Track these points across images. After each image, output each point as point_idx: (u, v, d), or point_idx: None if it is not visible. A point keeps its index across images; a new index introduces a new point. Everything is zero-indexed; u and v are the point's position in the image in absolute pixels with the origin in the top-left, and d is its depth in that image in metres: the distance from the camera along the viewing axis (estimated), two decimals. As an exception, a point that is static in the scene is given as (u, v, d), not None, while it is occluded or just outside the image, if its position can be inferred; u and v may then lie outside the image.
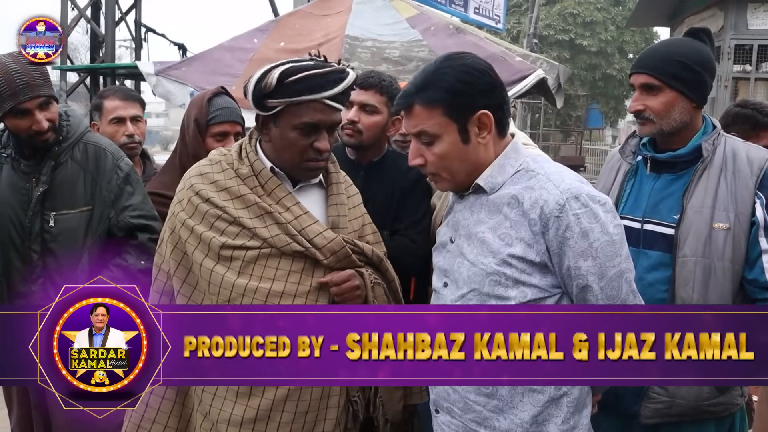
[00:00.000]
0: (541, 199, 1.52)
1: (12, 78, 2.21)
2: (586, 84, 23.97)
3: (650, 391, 1.98)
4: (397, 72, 5.06)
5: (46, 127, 2.29)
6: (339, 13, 5.85)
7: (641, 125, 2.06)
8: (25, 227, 2.36)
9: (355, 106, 2.34)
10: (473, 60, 1.59)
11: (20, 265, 2.38)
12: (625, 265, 1.57)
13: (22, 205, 2.36)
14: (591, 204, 1.52)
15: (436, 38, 5.62)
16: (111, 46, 9.67)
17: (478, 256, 1.59)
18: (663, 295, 1.98)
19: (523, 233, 1.54)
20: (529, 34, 15.74)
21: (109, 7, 9.64)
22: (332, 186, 1.94)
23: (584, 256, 1.51)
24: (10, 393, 2.63)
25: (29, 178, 2.38)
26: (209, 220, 1.82)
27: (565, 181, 1.54)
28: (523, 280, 1.54)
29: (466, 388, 1.61)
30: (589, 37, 23.45)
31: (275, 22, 6.31)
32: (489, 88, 1.57)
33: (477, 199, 1.64)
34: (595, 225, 1.51)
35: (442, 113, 1.56)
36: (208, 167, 1.90)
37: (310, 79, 1.71)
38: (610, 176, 2.21)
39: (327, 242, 1.81)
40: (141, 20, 10.71)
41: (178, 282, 1.86)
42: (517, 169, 1.61)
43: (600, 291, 1.54)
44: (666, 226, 2.00)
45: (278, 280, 1.79)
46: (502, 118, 1.60)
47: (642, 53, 2.12)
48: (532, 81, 5.22)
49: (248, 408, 1.77)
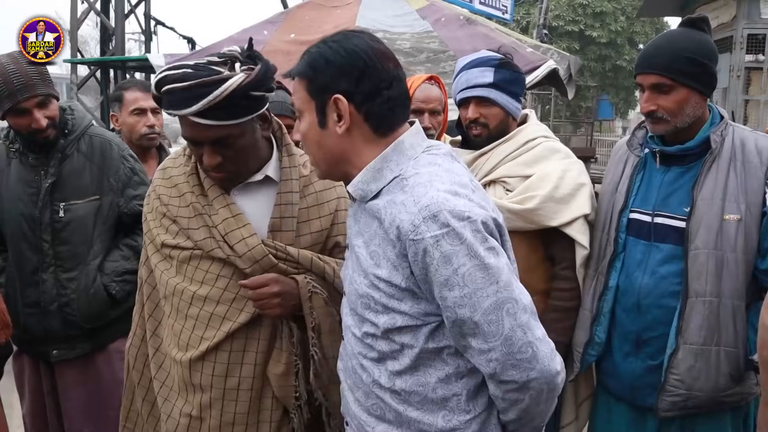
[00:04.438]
0: (397, 219, 1.31)
1: (9, 78, 2.26)
2: (596, 75, 23.82)
3: (667, 383, 1.98)
4: (408, 63, 5.05)
5: (44, 125, 2.35)
6: (349, 5, 5.84)
7: (654, 124, 2.04)
8: (35, 218, 2.42)
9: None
10: (355, 41, 1.39)
11: (31, 255, 2.45)
12: (505, 294, 1.29)
13: (32, 197, 2.43)
14: (453, 223, 1.26)
15: (447, 29, 5.59)
16: (121, 39, 9.68)
17: (354, 273, 1.45)
18: (676, 288, 1.98)
19: (389, 253, 1.34)
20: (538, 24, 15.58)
21: (118, 0, 9.65)
22: (281, 183, 1.78)
23: (449, 285, 1.28)
24: (22, 380, 2.68)
25: (37, 170, 2.44)
26: (158, 216, 1.82)
27: (427, 195, 1.29)
28: (392, 306, 1.36)
29: (359, 406, 1.50)
30: (599, 28, 23.28)
31: (285, 14, 6.30)
32: (353, 71, 1.35)
33: (359, 207, 1.45)
34: (458, 248, 1.26)
35: (305, 88, 1.41)
36: (171, 161, 1.89)
37: (170, 94, 1.57)
38: (618, 168, 2.21)
39: (248, 250, 1.70)
40: (150, 13, 10.72)
41: (146, 271, 1.91)
42: (396, 175, 1.38)
43: (475, 326, 1.29)
44: (677, 219, 2.00)
45: (206, 284, 1.74)
46: (374, 114, 1.38)
47: (645, 51, 2.08)
48: (543, 72, 5.19)
49: (187, 403, 1.80)
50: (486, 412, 1.43)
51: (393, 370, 1.41)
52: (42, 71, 2.34)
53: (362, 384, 1.48)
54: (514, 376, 1.32)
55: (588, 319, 2.18)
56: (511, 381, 1.33)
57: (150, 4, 10.63)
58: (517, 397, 1.36)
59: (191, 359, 1.75)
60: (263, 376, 1.77)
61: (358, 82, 1.36)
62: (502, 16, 12.50)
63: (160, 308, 1.88)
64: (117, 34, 9.62)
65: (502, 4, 12.78)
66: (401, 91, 1.42)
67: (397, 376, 1.41)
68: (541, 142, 2.26)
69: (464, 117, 2.30)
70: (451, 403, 1.40)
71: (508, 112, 2.25)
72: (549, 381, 1.34)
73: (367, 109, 1.37)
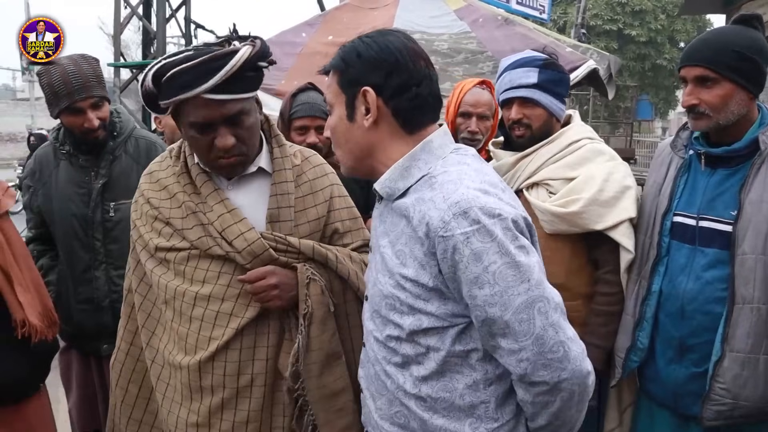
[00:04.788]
0: (427, 216, 1.29)
1: (69, 79, 2.38)
2: (635, 75, 23.44)
3: (712, 392, 1.94)
4: (446, 64, 5.03)
5: (96, 125, 2.45)
6: (386, 6, 5.84)
7: (695, 120, 1.99)
8: (87, 218, 2.52)
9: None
10: (389, 37, 1.40)
11: (84, 253, 2.54)
12: (536, 292, 1.27)
13: (83, 198, 2.53)
14: (484, 220, 1.25)
15: (485, 30, 5.56)
16: (162, 43, 9.87)
17: (378, 273, 1.43)
18: (722, 294, 1.94)
19: (417, 252, 1.33)
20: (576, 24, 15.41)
21: (160, 5, 9.83)
22: (275, 174, 1.77)
23: (479, 283, 1.26)
24: (69, 375, 2.77)
25: (88, 171, 2.54)
26: (149, 220, 1.78)
27: (458, 192, 1.28)
28: (418, 307, 1.34)
29: (381, 414, 1.47)
30: (638, 27, 22.91)
31: (323, 16, 6.34)
32: (384, 66, 1.36)
33: (385, 206, 1.45)
34: (489, 245, 1.24)
35: (336, 82, 1.43)
36: (157, 164, 1.86)
37: (180, 75, 1.54)
38: (661, 170, 2.16)
39: (247, 245, 1.68)
40: (191, 17, 10.89)
41: (135, 281, 1.86)
42: (424, 173, 1.37)
43: (506, 326, 1.27)
44: (723, 223, 1.95)
45: (207, 283, 1.71)
46: (403, 109, 1.38)
47: (691, 44, 2.04)
48: (583, 72, 5.12)
49: (191, 412, 1.74)
50: (514, 420, 1.41)
51: (418, 376, 1.39)
52: (98, 75, 2.46)
53: (386, 391, 1.46)
54: (545, 377, 1.29)
55: (630, 324, 2.15)
56: (541, 382, 1.30)
57: (191, 8, 10.80)
58: (547, 400, 1.33)
59: (201, 361, 1.70)
60: (275, 371, 1.75)
61: (388, 76, 1.37)
62: (539, 15, 12.39)
63: (153, 318, 1.84)
64: (158, 38, 9.80)
65: (539, 4, 12.67)
66: (431, 90, 1.42)
67: (423, 381, 1.39)
68: (586, 144, 2.24)
69: (507, 117, 2.29)
70: (478, 411, 1.38)
71: (551, 113, 2.24)
72: (581, 382, 1.31)
73: (395, 104, 1.38)
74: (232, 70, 1.55)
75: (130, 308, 1.90)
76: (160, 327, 1.82)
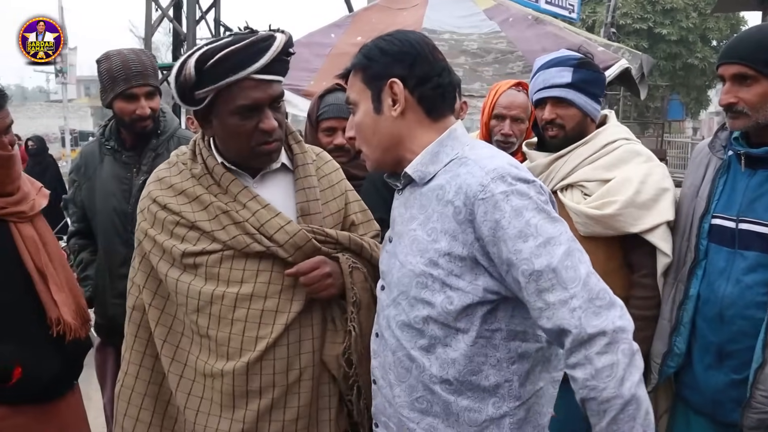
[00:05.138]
0: (464, 184, 1.37)
1: (128, 65, 2.47)
2: (666, 74, 23.09)
3: (753, 400, 1.89)
4: (476, 64, 5.01)
5: (147, 113, 2.52)
6: (415, 7, 5.83)
7: (733, 119, 1.95)
8: (127, 214, 2.57)
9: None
10: (408, 33, 1.51)
11: (122, 248, 2.58)
12: (573, 244, 1.34)
13: (124, 194, 2.59)
14: (519, 183, 1.34)
15: (515, 29, 5.52)
16: (192, 45, 9.98)
17: (407, 255, 1.46)
18: (763, 298, 1.89)
19: (448, 225, 1.39)
20: (606, 23, 15.24)
21: (190, 6, 9.95)
22: (299, 169, 1.78)
23: (523, 236, 1.31)
24: (104, 371, 2.81)
25: (130, 168, 2.60)
26: (168, 227, 1.71)
27: (493, 163, 1.38)
28: (450, 283, 1.39)
29: (400, 403, 1.49)
30: (669, 25, 22.58)
31: (351, 17, 6.36)
32: (407, 58, 1.45)
33: (411, 194, 1.52)
34: (527, 202, 1.32)
35: (360, 79, 1.50)
36: (165, 170, 1.80)
37: (229, 57, 1.55)
38: (698, 172, 2.12)
39: (289, 237, 1.67)
40: (220, 19, 11.01)
41: (149, 294, 1.77)
42: (452, 158, 1.46)
43: (553, 274, 1.29)
44: (764, 225, 1.90)
45: (246, 282, 1.67)
46: (427, 97, 1.47)
47: (730, 41, 2.00)
48: (615, 71, 5.05)
49: (234, 422, 1.67)
50: (534, 398, 1.46)
51: (446, 358, 1.42)
52: (155, 67, 2.56)
53: (408, 377, 1.47)
54: (601, 325, 1.27)
55: (667, 329, 2.10)
56: (599, 333, 1.26)
57: (220, 10, 10.92)
58: (611, 360, 1.26)
59: (249, 363, 1.65)
60: (321, 362, 1.74)
61: (412, 67, 1.46)
62: (568, 15, 12.29)
63: (175, 331, 1.76)
64: (188, 40, 9.92)
65: (568, 3, 12.57)
66: (450, 80, 1.51)
67: (451, 364, 1.42)
68: (622, 145, 2.20)
69: (540, 118, 2.26)
70: (502, 390, 1.43)
71: (586, 113, 2.20)
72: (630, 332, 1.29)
73: (420, 92, 1.46)
74: (278, 49, 1.60)
75: (136, 327, 1.81)
76: (185, 339, 1.75)
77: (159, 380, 1.80)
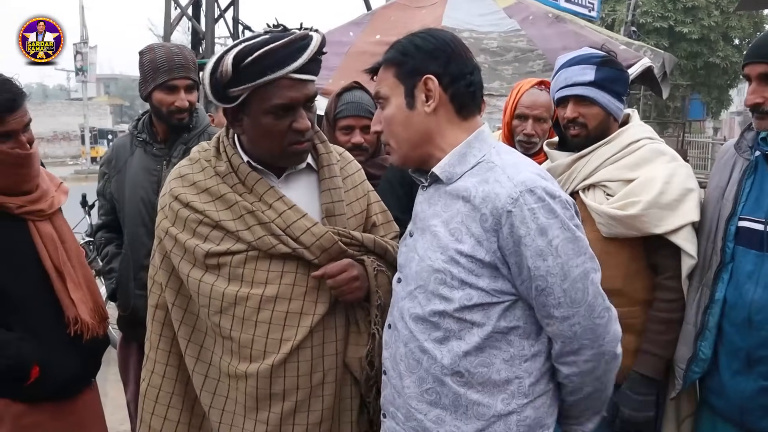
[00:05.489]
0: (492, 193, 1.40)
1: (172, 57, 2.55)
2: (687, 73, 22.81)
3: None
4: (495, 63, 4.97)
5: (186, 106, 2.58)
6: (434, 5, 5.80)
7: (759, 120, 1.91)
8: (154, 205, 2.58)
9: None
10: (441, 31, 1.55)
11: (147, 239, 2.58)
12: (590, 264, 1.43)
13: (152, 185, 2.62)
14: (547, 198, 1.38)
15: (535, 27, 5.46)
16: (210, 43, 10.04)
17: (427, 250, 1.50)
18: (793, 303, 1.84)
19: (474, 229, 1.42)
20: (627, 22, 15.10)
21: (209, 5, 9.99)
22: (324, 169, 1.76)
23: (543, 255, 1.38)
24: (127, 367, 2.84)
25: (160, 160, 2.65)
26: (191, 226, 1.68)
27: (521, 174, 1.41)
28: (470, 282, 1.43)
29: (410, 393, 1.51)
30: (690, 24, 22.28)
31: (370, 15, 6.34)
32: (442, 55, 1.48)
33: (436, 191, 1.54)
34: (553, 221, 1.38)
35: (393, 74, 1.51)
36: (188, 167, 1.76)
37: (268, 55, 1.54)
38: (724, 173, 2.07)
39: (315, 239, 1.65)
40: (239, 17, 11.04)
41: (171, 294, 1.75)
42: (479, 160, 1.49)
43: (563, 294, 1.40)
44: (793, 227, 1.85)
45: (271, 284, 1.64)
46: (459, 95, 1.50)
47: (757, 41, 1.96)
48: (637, 70, 4.98)
49: (258, 423, 1.66)
50: (542, 398, 1.51)
51: (459, 351, 1.45)
52: (196, 63, 2.62)
53: (418, 368, 1.50)
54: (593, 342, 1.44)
55: (691, 334, 2.05)
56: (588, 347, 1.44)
57: (239, 9, 10.95)
58: (593, 366, 1.47)
59: (273, 365, 1.63)
60: (344, 364, 1.73)
61: (447, 64, 1.48)
62: (588, 13, 12.17)
63: (198, 330, 1.75)
64: (207, 38, 9.96)
65: (588, 1, 12.46)
66: (480, 79, 1.55)
67: (464, 356, 1.45)
68: (646, 144, 2.15)
69: (562, 116, 2.22)
70: (512, 387, 1.47)
71: (609, 112, 2.16)
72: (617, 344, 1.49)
73: (453, 90, 1.49)
74: (315, 49, 1.59)
75: (161, 326, 1.79)
76: (209, 339, 1.74)
77: (185, 378, 1.79)
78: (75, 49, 24.92)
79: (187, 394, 1.79)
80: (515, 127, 2.71)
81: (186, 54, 2.60)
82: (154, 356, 1.80)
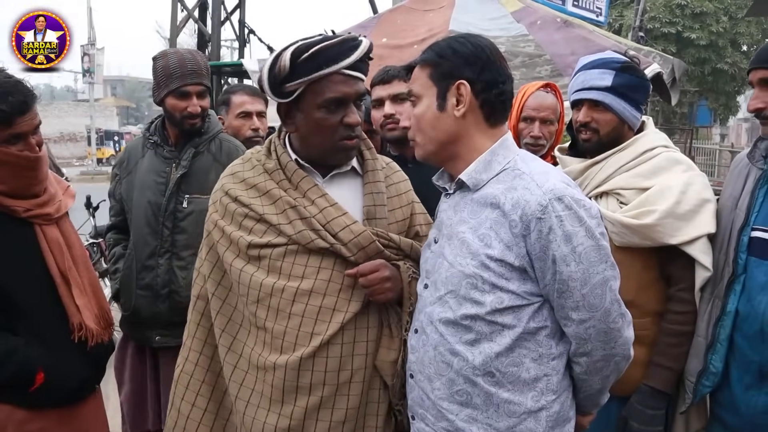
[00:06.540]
0: (522, 200, 1.46)
1: (185, 63, 2.57)
2: (694, 79, 22.73)
3: None
4: (503, 68, 4.93)
5: (198, 111, 2.60)
6: (442, 8, 5.78)
7: (764, 125, 1.90)
8: (161, 206, 2.63)
9: (387, 101, 2.44)
10: (480, 39, 1.59)
11: (152, 240, 2.64)
12: (611, 272, 1.49)
13: (160, 187, 2.64)
14: (575, 207, 1.44)
15: (544, 32, 5.44)
16: (216, 45, 10.04)
17: (457, 256, 1.54)
18: (805, 314, 1.81)
19: (503, 234, 1.47)
20: (634, 27, 15.04)
21: (215, 7, 10.00)
22: (368, 173, 1.83)
23: (566, 261, 1.44)
24: (122, 368, 2.83)
25: (170, 163, 2.66)
26: (237, 219, 1.77)
27: (549, 182, 1.46)
28: (501, 285, 1.48)
29: (439, 395, 1.56)
30: (698, 30, 22.20)
31: (376, 18, 6.33)
32: (478, 62, 1.53)
33: (462, 198, 1.59)
34: (579, 229, 1.43)
35: (428, 75, 1.57)
36: (239, 165, 1.87)
37: (324, 52, 1.64)
38: (738, 183, 2.04)
39: (353, 236, 1.70)
40: (245, 20, 11.05)
41: (213, 284, 1.83)
42: (504, 167, 1.54)
43: (582, 298, 1.46)
44: (808, 238, 1.82)
45: (307, 278, 1.70)
46: (489, 103, 1.55)
47: (764, 46, 1.94)
48: (647, 76, 4.96)
49: (281, 417, 1.70)
50: (567, 392, 1.59)
51: (491, 352, 1.50)
52: (208, 69, 2.66)
53: (448, 371, 1.55)
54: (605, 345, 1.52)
55: (702, 347, 2.02)
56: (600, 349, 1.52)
57: (245, 11, 10.95)
58: (603, 365, 1.55)
59: (302, 358, 1.68)
60: (373, 366, 1.75)
61: (481, 72, 1.53)
62: (596, 18, 12.12)
63: (234, 322, 1.81)
64: (213, 41, 9.97)
65: (596, 6, 12.41)
66: (511, 89, 1.59)
67: (495, 357, 1.50)
68: (661, 152, 2.12)
69: (575, 120, 2.20)
70: (540, 384, 1.53)
71: (623, 119, 2.13)
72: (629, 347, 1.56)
73: (484, 97, 1.54)
74: (365, 49, 1.69)
75: (199, 316, 1.87)
76: (243, 330, 1.79)
77: (218, 369, 1.85)
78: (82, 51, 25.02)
79: (218, 385, 1.85)
80: (522, 129, 2.69)
81: (198, 60, 2.62)
82: (190, 344, 1.88)
